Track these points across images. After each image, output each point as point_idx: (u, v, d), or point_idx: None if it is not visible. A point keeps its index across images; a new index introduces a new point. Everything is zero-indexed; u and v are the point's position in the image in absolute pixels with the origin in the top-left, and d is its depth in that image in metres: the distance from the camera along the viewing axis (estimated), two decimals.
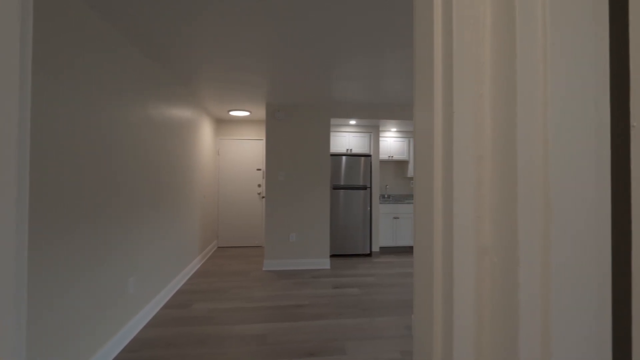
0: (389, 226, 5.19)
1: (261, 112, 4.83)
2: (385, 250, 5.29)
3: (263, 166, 5.55)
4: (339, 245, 4.88)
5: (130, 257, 2.37)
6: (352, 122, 4.76)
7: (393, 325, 2.63)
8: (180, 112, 3.50)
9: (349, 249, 4.90)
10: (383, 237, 5.18)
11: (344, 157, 4.93)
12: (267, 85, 3.43)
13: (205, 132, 4.68)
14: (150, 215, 2.71)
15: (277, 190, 4.22)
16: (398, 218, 5.22)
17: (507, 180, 0.44)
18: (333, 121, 4.73)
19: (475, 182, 0.46)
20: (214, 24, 2.07)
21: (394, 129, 5.48)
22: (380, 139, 5.55)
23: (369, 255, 4.99)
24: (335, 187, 4.89)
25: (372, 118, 4.44)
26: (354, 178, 4.93)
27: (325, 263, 4.28)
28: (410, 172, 5.64)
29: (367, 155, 5.08)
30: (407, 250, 5.34)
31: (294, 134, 4.27)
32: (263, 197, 5.56)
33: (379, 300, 3.15)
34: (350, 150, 5.03)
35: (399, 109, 4.46)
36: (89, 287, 1.90)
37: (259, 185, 5.59)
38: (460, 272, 0.46)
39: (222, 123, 5.53)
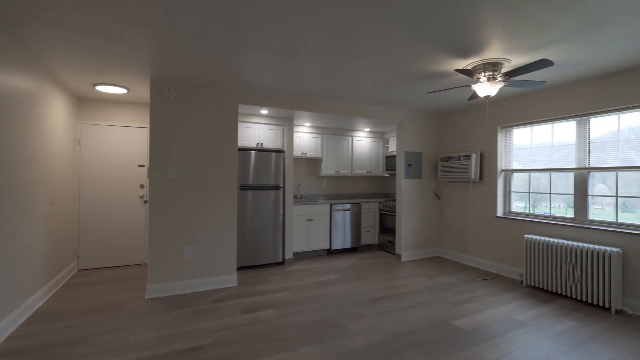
0: (302, 229, 4.76)
1: (144, 91, 3.72)
2: (299, 256, 4.84)
3: (147, 161, 4.37)
4: (248, 255, 4.18)
5: None
6: (264, 111, 4.12)
7: (322, 356, 2.15)
8: (6, 79, 2.24)
9: (260, 259, 4.25)
10: (296, 241, 4.71)
11: (253, 153, 4.24)
12: (150, 50, 2.50)
13: (56, 112, 3.30)
14: None
15: (166, 191, 3.26)
16: (312, 220, 4.83)
17: None
18: (242, 109, 4.00)
19: None
20: None
21: (308, 124, 5.08)
22: (294, 134, 5.06)
23: (282, 263, 4.45)
24: (243, 187, 4.17)
25: (286, 108, 3.90)
26: (265, 176, 4.31)
27: (231, 280, 3.53)
28: (324, 170, 5.33)
29: (280, 151, 4.52)
30: (321, 255, 5.02)
31: (190, 120, 3.37)
32: (147, 202, 4.38)
33: (299, 324, 2.63)
34: (261, 144, 4.38)
35: (316, 100, 4.05)
36: None
37: (142, 186, 4.38)
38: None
39: (86, 102, 4.10)
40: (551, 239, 3.38)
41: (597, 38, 2.26)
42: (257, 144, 4.34)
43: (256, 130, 4.34)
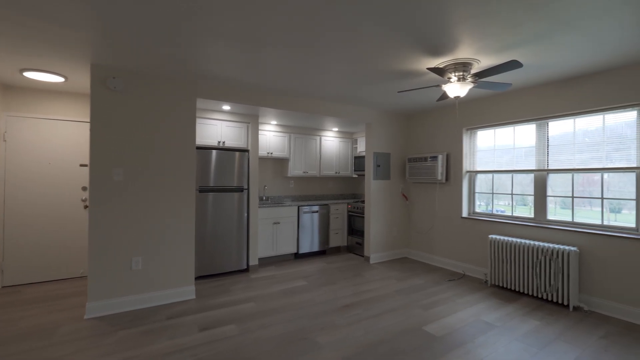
0: (268, 233, 4.51)
1: (85, 80, 3.27)
2: (265, 262, 4.59)
3: None
4: (208, 263, 3.86)
5: None
6: (226, 107, 3.82)
7: None
8: None
9: (222, 266, 3.94)
10: (262, 246, 4.45)
11: (214, 152, 3.92)
12: (90, 32, 2.13)
13: None
14: None
15: (111, 194, 2.86)
16: (278, 223, 4.60)
17: None
18: (201, 104, 3.67)
19: None
20: None
21: (275, 122, 4.84)
22: (259, 133, 4.80)
23: (246, 270, 4.17)
24: (203, 189, 3.84)
25: (251, 104, 3.63)
26: (228, 177, 4.01)
27: (188, 292, 3.21)
28: (291, 171, 5.12)
29: (244, 150, 4.23)
30: (289, 259, 4.80)
31: (140, 114, 3.00)
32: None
33: (264, 339, 2.41)
34: (223, 143, 4.06)
35: (283, 97, 3.83)
36: None
37: (85, 189, 3.88)
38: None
39: (13, 91, 3.53)
40: (513, 239, 3.46)
41: (561, 41, 2.29)
42: (219, 142, 4.03)
43: (217, 128, 4.02)
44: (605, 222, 3.02)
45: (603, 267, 2.93)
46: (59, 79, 3.19)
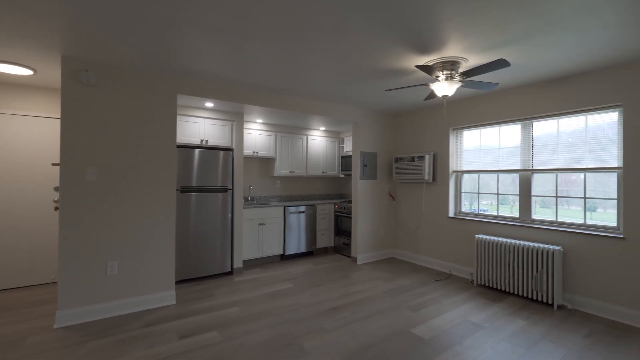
0: (253, 234, 4.39)
1: (55, 72, 3.07)
2: (250, 264, 4.47)
3: None
4: (191, 266, 3.71)
5: None
6: (209, 104, 3.68)
7: None
8: None
9: (204, 269, 3.80)
10: (247, 248, 4.33)
11: (197, 150, 3.78)
12: (60, 20, 1.98)
13: None
14: None
15: (84, 195, 2.69)
16: (264, 224, 4.49)
17: None
18: (183, 100, 3.52)
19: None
20: None
21: (260, 120, 4.72)
22: (245, 131, 4.67)
23: (230, 273, 4.04)
24: (185, 190, 3.69)
25: (235, 101, 3.51)
26: (211, 177, 3.87)
27: (168, 297, 3.06)
28: (277, 170, 5.01)
29: (229, 149, 4.10)
30: (275, 261, 4.69)
31: (116, 110, 2.83)
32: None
33: (248, 346, 2.31)
34: (206, 141, 3.92)
35: (268, 94, 3.72)
36: None
37: (57, 189, 3.66)
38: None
39: None
40: (499, 239, 3.47)
41: (547, 41, 2.29)
42: (202, 140, 3.88)
43: (200, 126, 3.87)
44: (589, 222, 3.06)
45: (586, 266, 2.97)
46: (27, 72, 2.98)
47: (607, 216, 2.96)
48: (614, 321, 2.75)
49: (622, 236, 2.77)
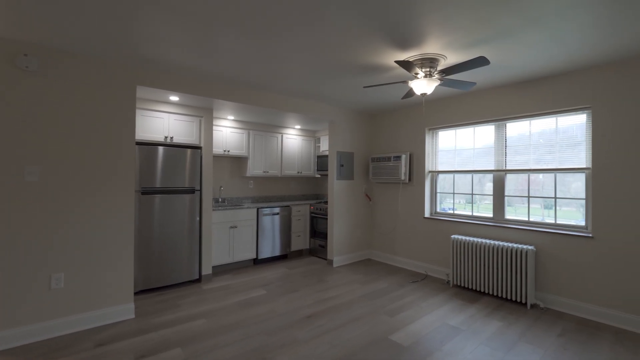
0: (224, 238, 4.14)
1: None
2: (220, 270, 4.20)
3: None
4: (154, 274, 3.40)
5: None
6: (174, 98, 3.39)
7: None
8: None
9: (170, 278, 3.50)
10: (217, 253, 4.07)
11: (161, 148, 3.47)
12: None
13: None
14: None
15: (23, 198, 2.34)
16: (236, 227, 4.25)
17: None
18: (144, 93, 3.21)
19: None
20: None
21: (232, 117, 4.46)
22: (215, 128, 4.40)
23: (198, 280, 3.77)
24: (147, 191, 3.38)
25: (204, 95, 3.26)
26: (177, 177, 3.58)
27: (125, 311, 2.76)
28: (250, 170, 4.78)
29: (197, 147, 3.82)
30: (247, 266, 4.46)
31: (62, 101, 2.50)
32: None
33: None
34: (171, 138, 3.62)
35: (240, 89, 3.49)
36: None
37: None
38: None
39: None
40: (474, 239, 3.48)
41: (526, 40, 2.27)
42: (166, 137, 3.58)
43: (165, 121, 3.57)
44: (559, 221, 3.13)
45: (557, 264, 3.03)
46: None
47: (557, 213, 3.03)
48: (583, 318, 2.81)
49: (590, 235, 2.84)
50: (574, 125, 3.04)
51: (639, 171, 2.60)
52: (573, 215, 3.06)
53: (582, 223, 2.98)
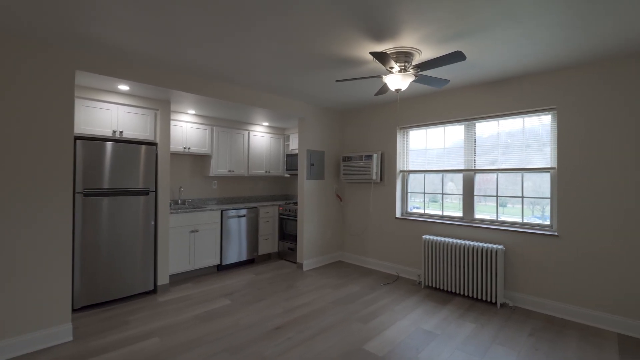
0: (184, 244, 3.78)
1: None
2: (179, 279, 3.84)
3: None
4: (101, 287, 2.99)
5: None
6: (124, 87, 3.00)
7: None
8: None
9: (120, 290, 3.11)
10: (176, 260, 3.71)
11: (109, 144, 3.07)
12: None
13: None
14: None
15: None
16: (197, 231, 3.91)
17: None
18: (86, 80, 2.80)
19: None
20: None
21: (193, 111, 4.11)
22: (173, 123, 4.02)
23: (154, 292, 3.39)
24: (92, 193, 2.96)
25: (159, 85, 2.91)
26: (129, 177, 3.19)
27: (61, 333, 2.36)
28: (214, 169, 4.44)
29: (152, 143, 3.44)
30: (210, 272, 4.13)
31: None
32: None
33: None
34: (121, 133, 3.22)
35: (201, 79, 3.18)
36: None
37: None
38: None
39: None
40: (445, 239, 3.45)
41: (502, 36, 2.22)
42: (115, 132, 3.17)
43: (113, 113, 3.16)
44: (526, 220, 3.17)
45: (524, 263, 3.06)
46: None
47: (509, 210, 3.09)
48: (550, 316, 2.85)
49: (555, 233, 2.89)
50: (540, 126, 3.09)
51: (602, 171, 2.68)
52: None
53: (548, 222, 3.04)
